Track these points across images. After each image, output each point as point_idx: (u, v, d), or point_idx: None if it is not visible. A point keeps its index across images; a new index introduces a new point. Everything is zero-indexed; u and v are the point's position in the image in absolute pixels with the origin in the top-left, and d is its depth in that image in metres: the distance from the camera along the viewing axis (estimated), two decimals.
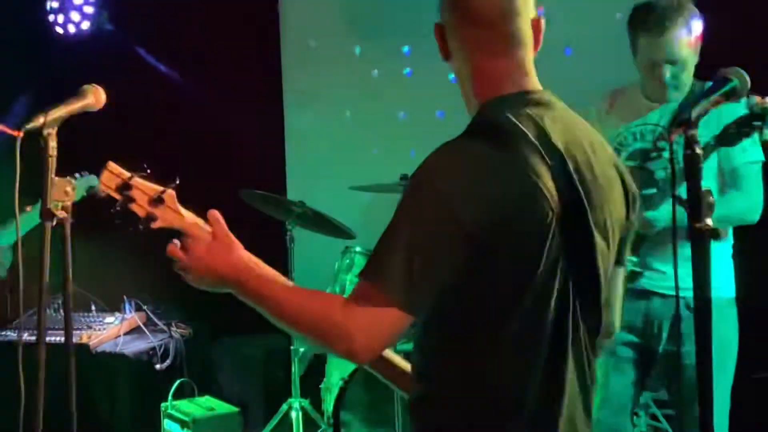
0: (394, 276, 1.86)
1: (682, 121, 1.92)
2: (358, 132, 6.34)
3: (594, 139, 2.09)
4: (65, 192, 2.42)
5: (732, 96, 2.02)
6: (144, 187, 2.16)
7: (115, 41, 5.82)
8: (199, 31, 6.33)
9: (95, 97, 2.74)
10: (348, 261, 5.13)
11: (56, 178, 2.42)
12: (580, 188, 1.98)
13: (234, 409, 5.14)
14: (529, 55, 2.10)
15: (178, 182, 2.17)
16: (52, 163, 2.39)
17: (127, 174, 2.16)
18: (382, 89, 6.29)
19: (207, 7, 6.33)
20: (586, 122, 2.15)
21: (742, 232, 3.63)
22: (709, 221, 1.94)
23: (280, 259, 5.42)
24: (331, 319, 1.91)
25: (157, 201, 2.15)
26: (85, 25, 5.68)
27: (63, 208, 2.41)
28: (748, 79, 2.04)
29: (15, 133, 2.33)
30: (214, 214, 2.12)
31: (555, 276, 1.95)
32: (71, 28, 5.66)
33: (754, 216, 3.54)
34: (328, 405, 5.10)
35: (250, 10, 6.43)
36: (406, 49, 6.20)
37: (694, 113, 1.93)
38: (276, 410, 5.48)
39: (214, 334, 5.89)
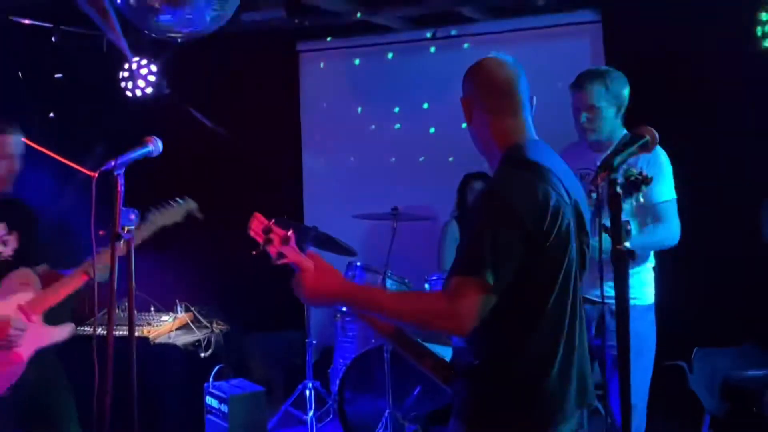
0: (485, 266, 2.00)
1: (606, 166, 1.93)
2: (359, 172, 6.34)
3: (568, 170, 2.30)
4: (130, 218, 2.43)
5: (644, 149, 2.05)
6: (278, 231, 2.20)
7: (171, 102, 5.83)
8: (236, 95, 6.35)
9: (154, 146, 2.75)
10: (351, 273, 5.13)
11: (123, 208, 2.43)
12: (576, 202, 2.19)
13: (261, 388, 5.11)
14: (529, 115, 2.31)
15: (292, 231, 2.21)
16: (119, 197, 2.40)
17: (268, 222, 2.22)
18: (378, 140, 6.29)
19: (242, 76, 6.35)
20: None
21: (662, 254, 3.69)
22: (627, 244, 1.95)
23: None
24: (438, 307, 2.04)
25: (285, 241, 2.19)
26: (148, 90, 5.68)
27: (128, 231, 2.42)
28: (656, 135, 2.06)
29: (91, 174, 2.35)
30: (312, 252, 2.21)
31: (573, 261, 2.16)
32: (138, 92, 5.66)
33: (673, 242, 3.59)
34: (335, 384, 5.10)
35: (277, 79, 6.46)
36: (396, 109, 6.21)
37: (617, 161, 1.95)
38: (294, 390, 5.46)
39: (246, 329, 5.85)
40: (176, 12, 3.36)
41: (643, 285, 3.63)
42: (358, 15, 5.64)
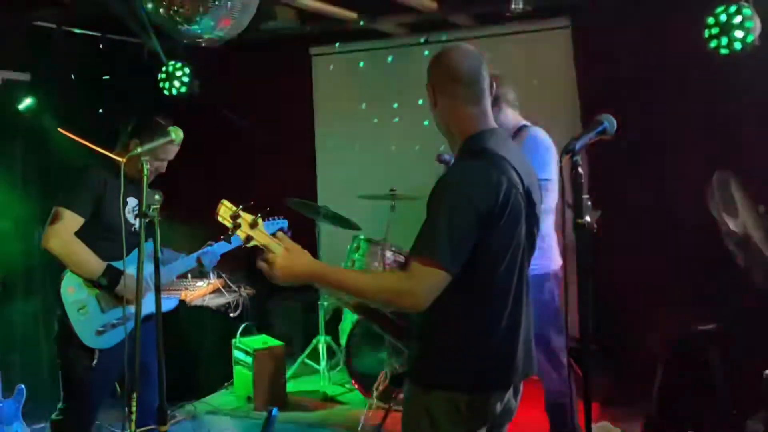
0: (442, 250, 1.91)
1: (568, 150, 1.84)
2: (363, 160, 6.23)
3: (523, 157, 2.18)
4: (156, 198, 2.35)
5: (603, 135, 1.95)
6: (245, 217, 2.05)
7: (202, 100, 5.74)
8: (257, 94, 6.25)
9: (176, 135, 2.67)
10: (356, 245, 5.05)
11: (150, 190, 2.35)
12: (529, 188, 2.07)
13: (281, 343, 5.08)
14: (489, 103, 2.15)
15: (260, 215, 2.05)
16: (146, 179, 2.32)
17: (236, 207, 2.05)
18: (379, 131, 6.18)
19: (262, 77, 6.27)
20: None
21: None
22: (587, 218, 1.86)
23: (313, 245, 5.38)
24: (399, 286, 1.95)
25: (252, 225, 2.04)
26: (183, 89, 5.59)
27: (154, 210, 2.34)
28: (615, 122, 1.96)
29: (120, 159, 2.27)
30: (281, 235, 2.06)
31: (521, 243, 2.05)
32: (174, 91, 5.58)
33: None
34: (343, 340, 5.04)
35: (293, 80, 6.38)
36: (395, 105, 6.11)
37: (578, 145, 1.86)
38: (309, 343, 5.42)
39: (269, 293, 5.81)
40: (200, 22, 3.26)
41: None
42: (361, 23, 5.54)
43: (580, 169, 1.84)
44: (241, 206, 2.05)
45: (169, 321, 2.56)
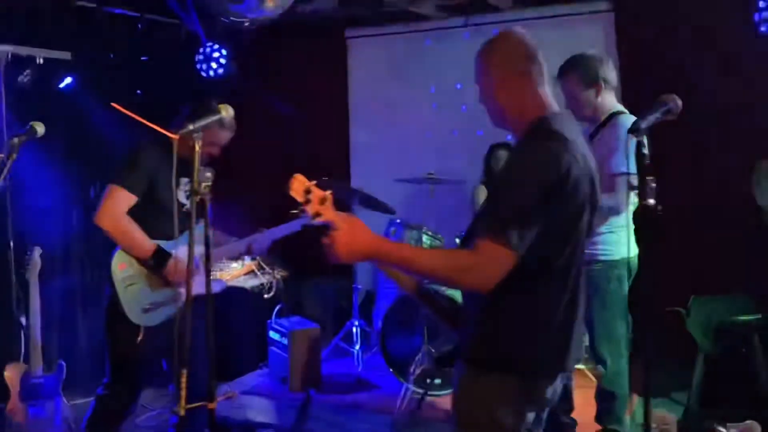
0: (511, 230, 1.86)
1: (634, 129, 1.79)
2: (399, 144, 6.17)
3: (584, 143, 2.11)
4: (207, 176, 2.33)
5: (668, 114, 1.90)
6: (317, 192, 2.02)
7: (238, 81, 5.73)
8: (293, 76, 6.26)
9: (226, 112, 2.65)
10: (393, 228, 5.03)
11: (201, 167, 2.33)
12: (593, 178, 2.02)
13: (316, 325, 5.08)
14: (549, 86, 2.12)
15: (331, 192, 2.03)
16: (197, 156, 2.30)
17: (309, 183, 2.03)
18: (416, 116, 6.10)
19: (299, 60, 6.24)
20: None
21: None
22: (651, 201, 1.82)
23: None
24: (466, 264, 1.89)
25: (322, 201, 2.01)
26: (220, 71, 5.60)
27: (205, 188, 2.33)
28: (680, 103, 1.91)
29: (173, 136, 2.25)
30: (349, 214, 1.99)
31: (583, 229, 2.01)
32: (211, 72, 5.58)
33: (617, 214, 3.27)
34: (377, 324, 5.03)
35: (329, 63, 6.35)
36: (432, 89, 6.04)
37: (644, 124, 1.81)
38: (342, 327, 5.42)
39: (303, 275, 5.81)
40: (245, 1, 3.23)
41: (611, 243, 3.34)
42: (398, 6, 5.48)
43: (645, 150, 1.79)
44: (315, 182, 2.03)
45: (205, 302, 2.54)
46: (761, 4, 3.96)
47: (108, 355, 3.13)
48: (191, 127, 2.36)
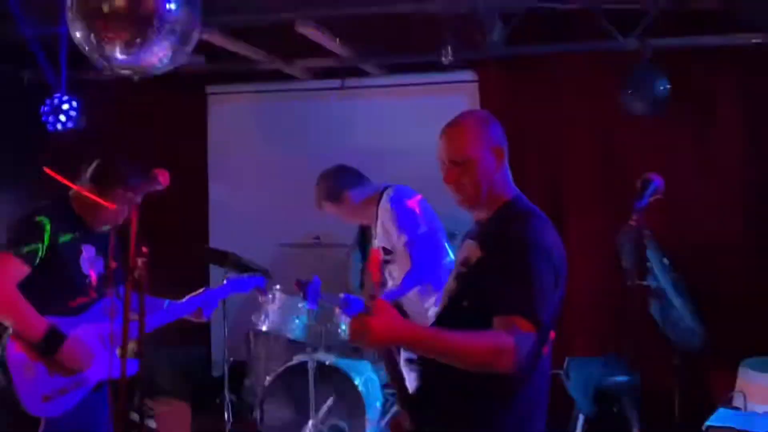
0: (537, 311, 1.81)
1: (636, 210, 1.82)
2: (272, 205, 5.88)
3: None
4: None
5: (656, 194, 1.96)
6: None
7: (86, 135, 5.25)
8: (151, 130, 5.89)
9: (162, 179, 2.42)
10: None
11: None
12: None
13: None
14: None
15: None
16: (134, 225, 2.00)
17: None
18: (280, 174, 5.87)
19: (156, 113, 5.89)
20: None
21: None
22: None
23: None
24: (501, 345, 1.77)
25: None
26: (69, 124, 5.10)
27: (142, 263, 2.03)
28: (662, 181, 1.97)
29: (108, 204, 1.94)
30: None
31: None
32: (59, 126, 5.07)
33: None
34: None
35: (187, 119, 6.05)
36: (296, 149, 5.83)
37: (638, 205, 1.84)
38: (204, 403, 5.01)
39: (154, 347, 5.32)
40: (141, 50, 2.94)
41: None
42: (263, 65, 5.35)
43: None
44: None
45: None
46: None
47: None
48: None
